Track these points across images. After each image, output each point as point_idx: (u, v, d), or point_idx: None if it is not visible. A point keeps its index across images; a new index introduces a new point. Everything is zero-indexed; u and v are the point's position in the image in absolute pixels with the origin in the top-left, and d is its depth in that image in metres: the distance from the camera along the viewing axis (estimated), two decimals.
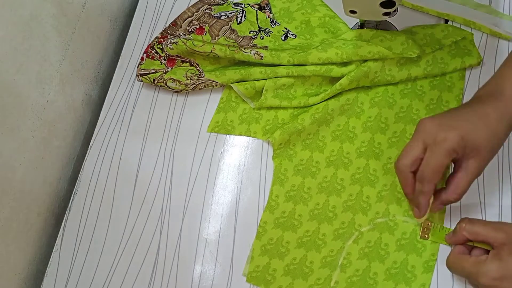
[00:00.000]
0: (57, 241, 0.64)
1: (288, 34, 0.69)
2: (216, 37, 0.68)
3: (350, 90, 0.65)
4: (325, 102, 0.65)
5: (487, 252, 0.52)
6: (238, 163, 0.65)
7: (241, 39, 0.67)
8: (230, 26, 0.68)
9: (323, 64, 0.63)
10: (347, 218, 0.60)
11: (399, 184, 0.60)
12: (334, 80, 0.64)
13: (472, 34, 0.65)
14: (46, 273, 0.63)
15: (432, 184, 0.52)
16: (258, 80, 0.65)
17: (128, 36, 0.74)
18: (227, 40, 0.67)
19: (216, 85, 0.66)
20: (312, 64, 0.63)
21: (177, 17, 0.70)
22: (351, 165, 0.62)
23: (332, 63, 0.63)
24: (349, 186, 0.61)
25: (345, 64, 0.64)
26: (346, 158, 0.63)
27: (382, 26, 0.67)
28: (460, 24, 0.67)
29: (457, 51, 0.64)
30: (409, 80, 0.64)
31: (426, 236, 0.58)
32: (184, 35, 0.69)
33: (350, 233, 0.59)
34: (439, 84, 0.64)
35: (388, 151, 0.62)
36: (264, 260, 0.59)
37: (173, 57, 0.69)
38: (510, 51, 0.65)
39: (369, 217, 0.60)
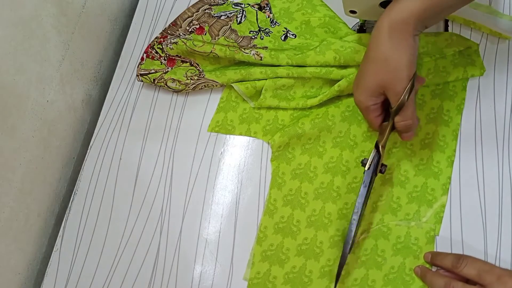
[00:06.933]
0: (57, 241, 0.64)
1: (288, 34, 0.69)
2: (216, 37, 0.68)
3: (349, 96, 0.65)
4: (325, 108, 0.64)
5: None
6: (238, 163, 0.65)
7: (241, 39, 0.67)
8: (230, 26, 0.68)
9: (322, 66, 0.63)
10: (342, 226, 0.60)
11: (395, 194, 0.60)
12: (333, 82, 0.64)
13: (478, 44, 0.64)
14: (46, 273, 0.63)
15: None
16: (259, 80, 0.65)
17: (128, 36, 0.74)
18: (227, 40, 0.67)
19: (216, 85, 0.66)
20: (312, 66, 0.63)
21: (177, 17, 0.70)
22: (348, 173, 0.62)
23: (332, 66, 0.63)
24: (345, 195, 0.61)
25: (345, 66, 0.63)
26: (344, 166, 0.62)
27: None
28: (460, 24, 0.67)
29: (460, 61, 0.64)
30: None
31: None
32: (184, 35, 0.69)
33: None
34: (441, 93, 0.64)
35: (387, 162, 0.62)
36: (264, 266, 0.59)
37: (173, 57, 0.68)
38: (508, 51, 0.65)
39: (362, 227, 0.60)
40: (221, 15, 0.69)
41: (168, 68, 0.68)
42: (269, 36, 0.68)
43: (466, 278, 0.52)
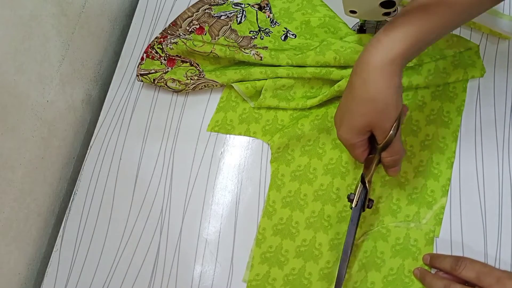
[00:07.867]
0: (57, 241, 0.64)
1: (288, 34, 0.69)
2: (216, 37, 0.68)
3: None
4: (324, 109, 0.64)
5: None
6: (238, 163, 0.65)
7: (241, 39, 0.67)
8: (230, 26, 0.68)
9: (322, 66, 0.63)
10: (342, 228, 0.60)
11: (394, 196, 0.60)
12: (333, 83, 0.64)
13: (478, 45, 0.64)
14: (46, 273, 0.63)
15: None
16: (259, 80, 0.65)
17: (128, 36, 0.74)
18: (227, 40, 0.67)
19: (216, 85, 0.66)
20: (312, 66, 0.63)
21: (177, 17, 0.70)
22: (348, 175, 0.62)
23: (332, 66, 0.63)
24: (344, 197, 0.61)
25: (345, 67, 0.63)
26: (344, 167, 0.62)
27: (382, 26, 0.67)
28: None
29: (460, 62, 0.64)
30: (410, 88, 0.64)
31: None
32: (184, 35, 0.69)
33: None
34: (441, 94, 0.64)
35: None
36: (264, 268, 0.59)
37: (173, 57, 0.68)
38: (508, 51, 0.65)
39: (363, 229, 0.59)
40: (221, 15, 0.69)
41: (168, 68, 0.68)
42: (269, 36, 0.68)
43: (465, 280, 0.53)
